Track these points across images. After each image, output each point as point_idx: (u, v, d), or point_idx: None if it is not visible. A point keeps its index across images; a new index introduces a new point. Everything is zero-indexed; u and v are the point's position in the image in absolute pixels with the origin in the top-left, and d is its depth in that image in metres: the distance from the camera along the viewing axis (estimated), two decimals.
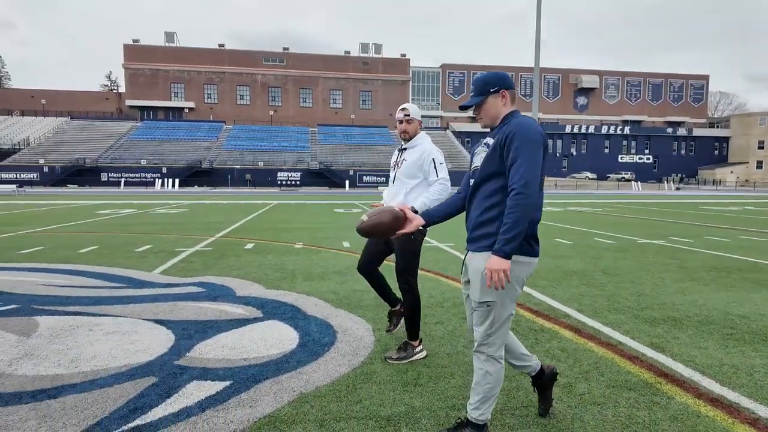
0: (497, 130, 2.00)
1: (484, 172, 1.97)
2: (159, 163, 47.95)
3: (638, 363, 2.92)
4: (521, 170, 1.83)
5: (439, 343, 3.27)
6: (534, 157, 1.85)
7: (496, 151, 1.92)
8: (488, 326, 1.94)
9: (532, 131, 1.88)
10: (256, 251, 7.19)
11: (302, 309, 4.05)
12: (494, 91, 2.00)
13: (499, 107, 2.01)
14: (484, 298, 1.92)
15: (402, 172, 3.02)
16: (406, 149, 3.09)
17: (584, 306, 4.22)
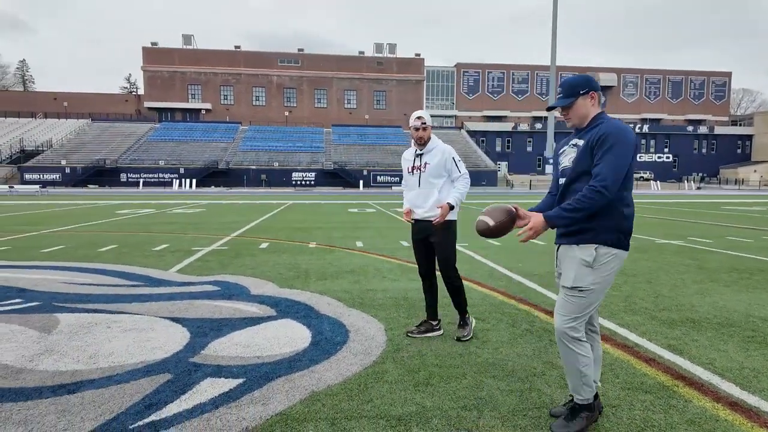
0: (587, 131, 2.11)
1: (576, 170, 2.09)
2: (176, 163, 48.73)
3: (655, 365, 2.87)
4: (605, 170, 1.95)
5: (452, 344, 3.25)
6: (622, 161, 1.96)
7: (587, 152, 2.04)
8: (577, 310, 2.06)
9: (627, 134, 1.99)
10: (271, 250, 7.26)
11: (315, 308, 4.08)
12: (584, 92, 2.12)
13: (588, 108, 2.12)
14: (578, 284, 2.05)
15: (428, 175, 3.27)
16: (423, 153, 3.32)
17: (600, 307, 4.14)
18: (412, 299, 4.40)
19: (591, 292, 2.04)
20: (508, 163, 61.69)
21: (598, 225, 2.03)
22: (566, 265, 2.11)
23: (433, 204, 3.29)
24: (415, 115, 3.27)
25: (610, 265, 2.04)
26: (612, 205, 2.01)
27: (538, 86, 70.09)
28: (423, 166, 3.30)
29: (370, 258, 6.60)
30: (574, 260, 2.07)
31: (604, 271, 2.04)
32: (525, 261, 6.42)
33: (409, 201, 3.40)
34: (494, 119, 68.35)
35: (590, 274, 2.03)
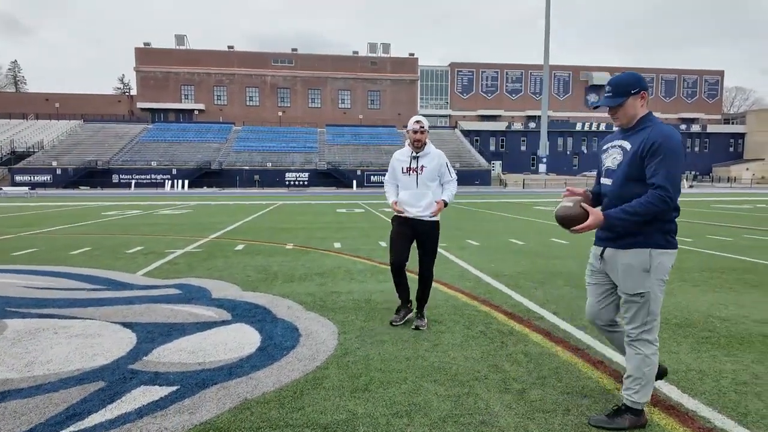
0: (633, 133, 2.11)
1: (624, 176, 2.10)
2: (169, 164, 48.52)
3: (601, 368, 2.83)
4: (666, 181, 1.96)
5: (402, 347, 3.20)
6: (677, 170, 2.00)
7: (636, 158, 2.05)
8: (645, 315, 2.11)
9: (676, 141, 2.00)
10: (245, 252, 7.19)
11: (273, 311, 4.02)
12: (635, 92, 2.09)
13: (638, 108, 2.11)
14: (638, 290, 2.09)
15: (425, 177, 3.54)
16: (419, 157, 3.57)
17: (562, 308, 4.12)
18: (374, 302, 4.35)
19: (652, 293, 2.09)
20: (502, 163, 61.73)
21: (647, 230, 2.06)
22: (622, 272, 2.13)
23: (426, 205, 3.54)
24: (414, 119, 3.51)
25: (665, 265, 2.09)
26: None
27: (532, 85, 70.19)
28: (420, 168, 3.53)
29: (344, 259, 6.55)
30: (629, 267, 2.10)
31: (660, 271, 2.09)
32: (497, 261, 6.38)
33: (403, 200, 3.62)
34: (488, 118, 68.39)
35: (648, 277, 2.08)
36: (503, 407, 2.34)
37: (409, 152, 3.60)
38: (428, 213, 3.54)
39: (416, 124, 3.50)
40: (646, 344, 2.12)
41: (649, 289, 2.08)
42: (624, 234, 2.10)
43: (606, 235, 2.19)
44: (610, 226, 2.07)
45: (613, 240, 2.16)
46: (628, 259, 2.10)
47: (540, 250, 7.38)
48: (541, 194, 32.56)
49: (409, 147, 3.62)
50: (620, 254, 2.13)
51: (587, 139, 64.19)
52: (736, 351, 3.10)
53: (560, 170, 61.16)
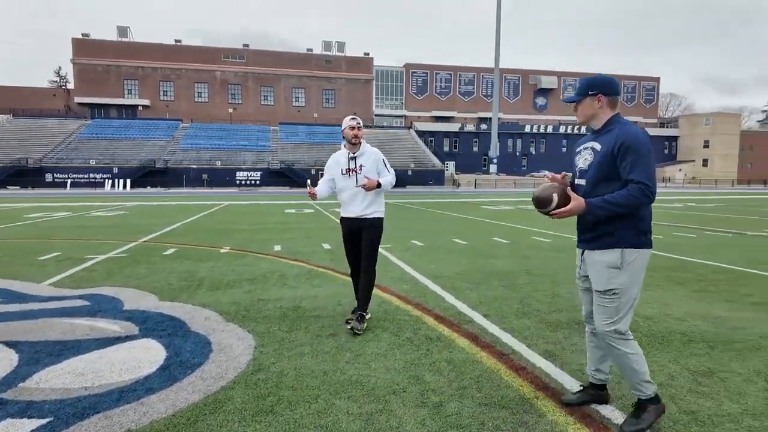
0: (602, 134, 2.18)
1: (597, 176, 2.14)
2: (110, 162, 45.84)
3: (523, 375, 2.74)
4: (644, 176, 2.01)
5: (323, 360, 2.99)
6: (652, 166, 2.06)
7: (607, 158, 2.10)
8: (616, 310, 2.13)
9: (644, 140, 2.06)
10: (175, 257, 6.73)
11: (187, 324, 3.70)
12: (592, 94, 2.19)
13: (595, 109, 2.20)
14: (610, 287, 2.12)
15: (364, 176, 3.58)
16: (357, 156, 3.61)
17: (493, 310, 4.05)
18: (303, 309, 4.11)
19: (624, 291, 2.11)
20: (456, 163, 62.83)
21: (617, 228, 2.10)
22: (595, 270, 2.18)
23: (368, 203, 3.60)
24: (349, 117, 3.59)
25: (637, 264, 2.12)
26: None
27: (484, 88, 71.94)
28: (359, 168, 3.58)
29: (280, 263, 6.25)
30: (602, 265, 2.14)
31: (633, 269, 2.11)
32: (438, 262, 6.31)
33: (345, 201, 3.66)
34: (442, 119, 69.45)
35: (620, 275, 2.11)
36: (416, 424, 2.19)
37: (346, 154, 3.64)
38: (371, 210, 3.61)
39: (352, 120, 3.57)
40: (622, 341, 2.13)
41: (621, 285, 2.10)
42: (598, 235, 2.14)
43: (585, 237, 2.23)
44: (590, 213, 2.08)
45: (587, 241, 2.21)
46: (600, 256, 2.15)
47: (481, 249, 7.39)
48: (491, 194, 33.33)
49: (345, 149, 3.67)
50: (596, 254, 2.17)
51: (536, 140, 66.53)
52: (656, 351, 3.13)
53: (510, 170, 63.04)
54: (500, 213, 15.22)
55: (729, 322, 3.73)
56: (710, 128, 68.14)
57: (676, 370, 2.80)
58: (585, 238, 2.23)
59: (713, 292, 4.71)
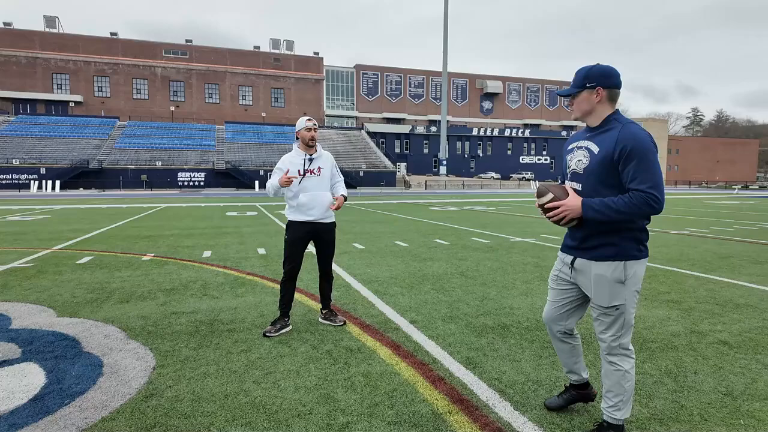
0: (599, 133, 1.97)
1: (594, 181, 1.96)
2: (36, 162, 42.43)
3: (440, 386, 2.63)
4: (651, 186, 1.83)
5: (228, 380, 2.73)
6: (658, 168, 1.87)
7: (606, 163, 1.90)
8: (619, 328, 2.01)
9: (650, 144, 1.87)
10: (88, 266, 6.16)
11: (82, 343, 3.30)
12: (590, 86, 1.97)
13: (593, 104, 1.98)
14: (614, 302, 1.99)
15: (323, 178, 3.59)
16: (315, 158, 3.59)
17: (421, 315, 3.94)
18: (219, 322, 3.81)
19: (626, 304, 2.00)
20: (407, 164, 63.41)
21: (620, 240, 1.96)
22: (595, 283, 2.01)
23: (327, 206, 3.56)
24: (305, 118, 3.55)
25: (639, 275, 2.00)
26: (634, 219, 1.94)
27: (433, 91, 73.13)
28: (317, 170, 3.55)
29: (206, 271, 5.86)
30: (604, 279, 1.99)
31: (635, 282, 2.00)
32: (375, 266, 6.16)
33: (303, 204, 3.52)
34: (393, 121, 69.94)
35: (624, 289, 1.98)
36: None
37: (303, 155, 3.58)
38: (329, 214, 3.59)
39: (309, 122, 3.54)
40: (623, 358, 2.03)
41: (625, 300, 1.99)
42: (597, 245, 1.99)
43: (575, 244, 2.08)
44: (584, 214, 1.93)
45: (583, 249, 2.04)
46: (602, 270, 1.99)
47: (419, 252, 7.33)
48: (440, 195, 33.82)
49: (299, 150, 3.60)
50: (594, 266, 2.01)
51: (482, 143, 68.45)
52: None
53: (459, 172, 64.49)
54: (446, 214, 15.37)
55: (646, 321, 3.82)
56: None
57: (593, 375, 2.79)
58: (580, 246, 2.05)
59: None
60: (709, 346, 3.26)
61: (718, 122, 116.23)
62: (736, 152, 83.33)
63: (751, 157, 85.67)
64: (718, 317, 3.93)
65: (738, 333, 3.54)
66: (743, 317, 3.93)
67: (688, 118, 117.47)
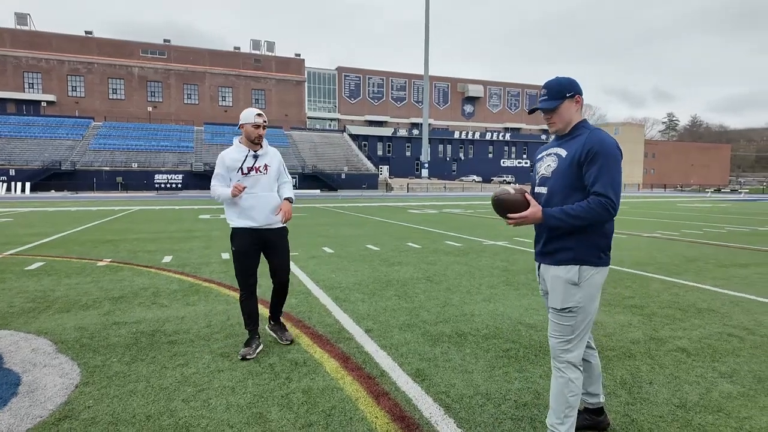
0: (568, 140, 2.00)
1: (560, 184, 1.96)
2: (5, 164, 41.05)
3: (383, 402, 2.47)
4: (608, 189, 1.85)
5: (154, 399, 2.52)
6: (618, 177, 1.88)
7: (573, 165, 1.92)
8: (569, 332, 1.97)
9: (614, 147, 1.90)
10: (36, 273, 5.83)
11: (3, 359, 3.05)
12: (570, 95, 1.98)
13: (573, 113, 2.00)
14: (566, 305, 1.96)
15: (270, 178, 3.19)
16: (260, 155, 3.19)
17: (378, 323, 3.78)
18: (161, 333, 3.59)
19: (581, 309, 1.96)
20: (389, 167, 63.36)
21: (578, 244, 1.96)
22: (552, 286, 2.02)
23: (274, 208, 3.18)
24: (255, 111, 3.12)
25: (595, 281, 1.97)
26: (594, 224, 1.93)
27: (415, 94, 73.31)
28: (263, 167, 3.16)
29: (161, 277, 5.60)
30: (559, 281, 1.99)
31: (590, 287, 1.96)
32: (340, 270, 5.98)
33: (248, 207, 3.12)
34: (375, 124, 69.82)
35: (578, 292, 1.96)
36: None
37: (246, 151, 3.16)
38: (278, 219, 3.19)
39: (259, 117, 3.13)
40: (569, 367, 1.98)
41: (578, 304, 1.95)
42: (556, 249, 2.00)
43: (538, 250, 2.10)
44: (546, 223, 1.94)
45: (544, 254, 2.07)
46: (558, 272, 2.00)
47: (389, 256, 7.18)
48: (421, 197, 33.80)
49: (241, 145, 3.19)
50: (551, 269, 2.03)
51: (464, 146, 68.89)
52: (530, 365, 2.99)
53: (441, 175, 64.72)
54: (423, 217, 15.27)
55: (607, 328, 3.73)
56: (619, 137, 74.27)
57: (545, 387, 2.67)
58: (542, 251, 2.06)
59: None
60: (668, 354, 3.18)
61: (692, 127, 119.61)
62: (709, 156, 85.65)
63: (724, 161, 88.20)
64: (679, 323, 3.87)
65: (697, 339, 3.47)
66: (704, 322, 3.88)
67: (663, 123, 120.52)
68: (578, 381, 1.97)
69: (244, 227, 3.16)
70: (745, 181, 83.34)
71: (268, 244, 3.22)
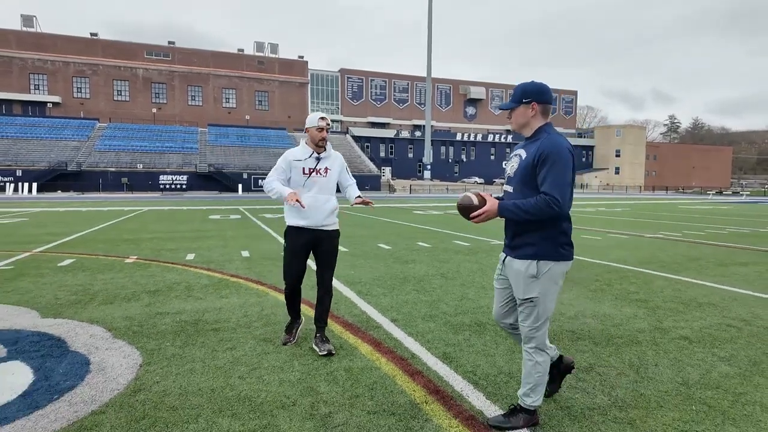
0: (531, 142, 2.21)
1: (520, 182, 2.19)
2: (11, 164, 41.46)
3: (418, 379, 2.77)
4: (553, 188, 2.06)
5: (213, 376, 2.83)
6: (564, 178, 2.08)
7: (529, 167, 2.14)
8: (534, 320, 2.21)
9: (563, 151, 2.09)
10: (69, 269, 6.14)
11: (68, 343, 3.36)
12: (526, 102, 2.20)
13: (528, 118, 2.22)
14: (528, 295, 2.19)
15: (329, 181, 3.27)
16: (322, 158, 3.27)
17: (402, 314, 4.09)
18: (204, 322, 3.89)
19: (541, 300, 2.19)
20: (392, 169, 63.69)
21: (537, 240, 2.16)
22: (514, 278, 2.25)
23: (330, 212, 3.23)
24: (319, 115, 3.20)
25: (553, 273, 2.18)
26: (552, 221, 2.13)
27: (417, 96, 73.69)
28: (324, 170, 3.24)
29: (190, 273, 5.91)
30: (520, 274, 2.21)
31: (549, 279, 2.18)
32: (358, 267, 6.29)
33: (311, 202, 3.19)
34: (378, 126, 70.17)
35: (537, 284, 2.18)
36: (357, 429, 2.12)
37: (309, 152, 3.23)
38: (331, 220, 3.27)
39: (322, 120, 3.18)
40: (537, 351, 2.22)
41: (538, 294, 2.18)
42: (518, 245, 2.22)
43: (506, 243, 2.32)
44: (500, 215, 2.16)
45: (510, 248, 2.27)
46: (519, 266, 2.21)
47: (402, 254, 7.48)
48: (424, 199, 34.11)
49: (307, 146, 3.26)
50: (514, 263, 2.23)
51: (466, 148, 69.20)
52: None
53: (443, 177, 64.99)
54: (428, 217, 15.57)
55: (614, 319, 4.03)
56: (621, 139, 74.68)
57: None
58: (509, 245, 2.29)
59: (606, 290, 5.09)
60: (671, 341, 3.48)
61: (693, 129, 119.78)
62: (711, 159, 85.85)
63: (726, 163, 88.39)
64: (682, 315, 4.17)
65: (698, 329, 3.77)
66: (705, 315, 4.18)
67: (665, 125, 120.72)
68: (545, 363, 2.24)
69: (297, 226, 3.23)
70: (747, 184, 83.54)
71: (318, 244, 3.26)
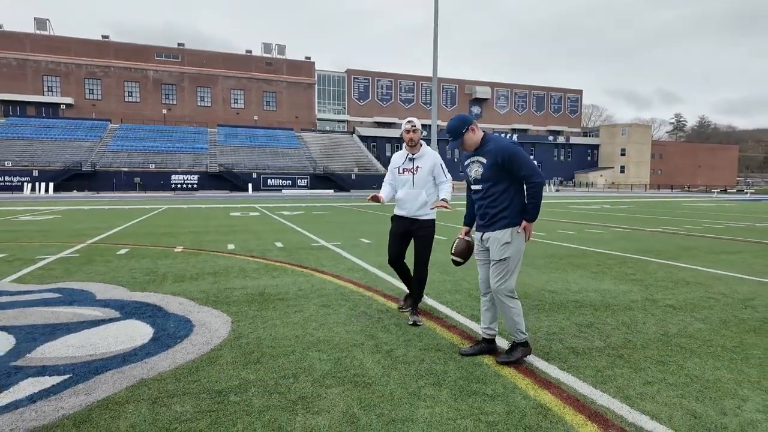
0: (482, 149, 2.92)
1: (490, 180, 2.89)
2: (28, 165, 42.51)
3: (454, 330, 3.52)
4: (531, 172, 2.82)
5: (293, 328, 3.59)
6: (528, 159, 2.86)
7: (496, 167, 2.84)
8: (505, 273, 2.89)
9: (513, 146, 2.86)
10: (130, 256, 6.94)
11: (165, 308, 4.13)
12: (465, 130, 2.92)
13: (474, 138, 2.94)
14: (503, 256, 2.88)
15: (419, 178, 3.77)
16: (415, 158, 3.80)
17: (431, 289, 4.83)
18: (268, 294, 4.66)
19: (512, 258, 2.89)
20: None
21: (509, 214, 2.89)
22: (492, 245, 2.92)
23: (421, 204, 3.77)
24: (407, 119, 3.77)
25: (521, 238, 2.92)
26: (515, 199, 2.89)
27: (423, 96, 74.35)
28: (415, 169, 3.77)
29: (237, 259, 6.69)
30: (497, 241, 2.89)
31: (518, 241, 2.90)
32: (385, 255, 7.01)
33: (400, 199, 3.86)
34: (384, 125, 70.87)
35: (510, 246, 2.88)
36: (374, 363, 2.88)
37: (405, 154, 3.84)
38: (423, 212, 3.77)
39: (408, 123, 3.74)
40: (507, 297, 2.88)
41: (510, 255, 2.87)
42: (498, 219, 2.90)
43: (483, 223, 2.99)
44: (533, 220, 2.89)
45: (488, 226, 2.95)
46: (497, 235, 2.90)
47: None
48: None
49: (404, 149, 3.87)
50: (493, 234, 2.92)
51: None
52: (555, 313, 4.03)
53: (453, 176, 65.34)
54: (439, 213, 16.29)
55: (612, 293, 4.76)
56: (626, 138, 74.99)
57: (567, 324, 3.71)
58: (485, 224, 2.95)
59: (606, 272, 5.82)
60: (659, 308, 4.20)
61: (700, 128, 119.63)
62: (717, 157, 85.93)
63: (732, 162, 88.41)
64: (671, 290, 4.89)
65: (683, 300, 4.49)
66: (690, 290, 4.90)
67: (671, 123, 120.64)
68: (517, 306, 2.90)
69: (396, 214, 3.92)
70: (753, 182, 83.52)
71: (414, 232, 3.82)
